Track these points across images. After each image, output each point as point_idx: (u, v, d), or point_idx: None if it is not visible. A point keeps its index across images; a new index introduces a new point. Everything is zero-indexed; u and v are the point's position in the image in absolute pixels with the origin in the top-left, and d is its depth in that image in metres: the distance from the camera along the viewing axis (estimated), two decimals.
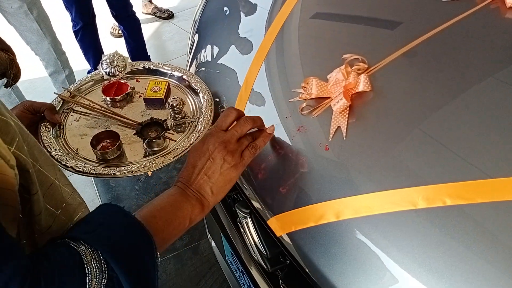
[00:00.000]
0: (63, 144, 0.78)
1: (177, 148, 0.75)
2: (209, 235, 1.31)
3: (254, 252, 0.75)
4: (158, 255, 0.50)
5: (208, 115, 0.80)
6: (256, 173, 0.70)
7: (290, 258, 0.67)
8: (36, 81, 2.78)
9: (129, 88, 0.90)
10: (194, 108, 0.86)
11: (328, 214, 0.57)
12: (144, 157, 0.76)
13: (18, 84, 2.07)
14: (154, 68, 0.96)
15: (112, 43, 3.10)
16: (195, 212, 0.56)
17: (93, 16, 2.34)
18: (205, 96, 0.85)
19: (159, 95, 0.86)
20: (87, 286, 0.40)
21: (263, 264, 0.74)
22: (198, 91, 0.87)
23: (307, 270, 0.60)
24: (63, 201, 0.52)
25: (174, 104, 0.79)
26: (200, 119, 0.80)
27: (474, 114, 0.58)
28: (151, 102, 0.87)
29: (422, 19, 0.75)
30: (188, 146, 0.74)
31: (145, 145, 0.77)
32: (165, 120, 0.79)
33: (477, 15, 0.70)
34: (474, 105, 0.59)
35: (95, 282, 0.41)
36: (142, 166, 0.71)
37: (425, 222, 0.51)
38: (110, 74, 0.93)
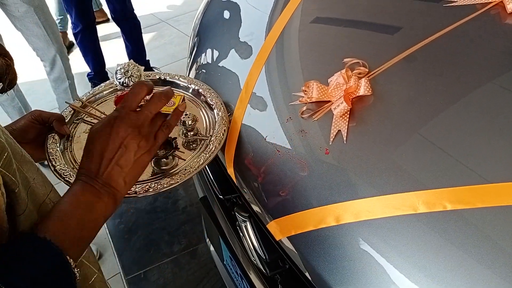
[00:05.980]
0: (69, 158, 0.77)
1: (185, 169, 0.72)
2: (207, 240, 1.31)
3: (253, 256, 0.75)
4: (77, 275, 0.45)
5: (221, 133, 0.77)
6: (255, 176, 0.70)
7: (290, 263, 0.66)
8: (36, 83, 2.78)
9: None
10: (208, 124, 0.83)
11: (328, 218, 0.57)
12: (152, 175, 0.74)
13: (20, 87, 2.07)
14: (170, 79, 0.93)
15: (111, 45, 3.11)
16: (109, 209, 0.52)
17: (94, 18, 2.35)
18: (220, 113, 0.81)
19: (172, 110, 0.84)
20: None
21: (262, 269, 0.73)
22: (213, 106, 0.85)
23: (306, 274, 0.60)
24: None
25: (186, 121, 0.77)
26: (212, 138, 0.76)
27: (474, 119, 0.58)
28: (163, 116, 0.85)
29: (424, 24, 0.75)
30: (197, 167, 0.71)
31: (153, 163, 0.75)
32: (175, 139, 0.77)
33: (477, 20, 0.70)
34: (474, 110, 0.59)
35: None
36: (147, 187, 0.70)
37: (425, 227, 0.51)
38: (124, 84, 0.89)
